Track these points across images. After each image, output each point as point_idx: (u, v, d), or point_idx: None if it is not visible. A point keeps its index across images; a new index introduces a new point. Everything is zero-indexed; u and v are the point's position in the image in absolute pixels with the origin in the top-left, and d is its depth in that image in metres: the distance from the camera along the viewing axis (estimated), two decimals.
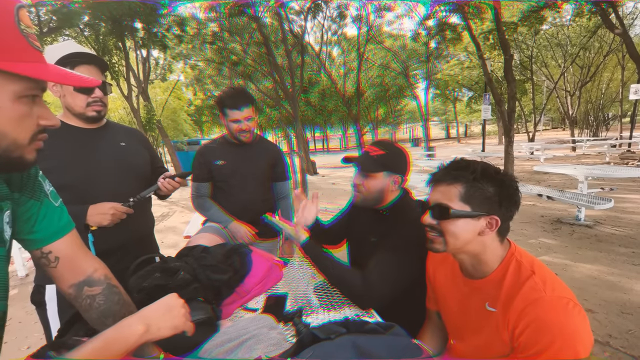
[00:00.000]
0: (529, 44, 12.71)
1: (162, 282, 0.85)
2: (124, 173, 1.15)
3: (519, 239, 3.54)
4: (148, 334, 0.53)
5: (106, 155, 1.13)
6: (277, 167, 1.66)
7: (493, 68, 12.65)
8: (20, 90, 0.42)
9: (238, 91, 1.49)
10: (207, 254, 0.99)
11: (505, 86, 6.86)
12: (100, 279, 0.63)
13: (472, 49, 11.77)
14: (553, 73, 14.94)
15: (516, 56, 12.91)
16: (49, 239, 0.59)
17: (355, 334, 0.59)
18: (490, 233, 0.72)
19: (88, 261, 0.63)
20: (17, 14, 0.41)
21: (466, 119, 31.10)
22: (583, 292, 2.36)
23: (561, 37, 12.97)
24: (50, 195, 0.61)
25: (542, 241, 3.45)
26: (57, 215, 0.60)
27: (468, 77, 18.00)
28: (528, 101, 18.15)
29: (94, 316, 0.62)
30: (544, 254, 3.11)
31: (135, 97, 8.13)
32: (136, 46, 7.48)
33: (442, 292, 0.90)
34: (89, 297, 0.62)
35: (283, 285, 1.19)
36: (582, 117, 16.31)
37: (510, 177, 0.73)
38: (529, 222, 4.10)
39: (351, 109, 11.68)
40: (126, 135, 1.24)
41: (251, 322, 0.84)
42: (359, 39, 9.98)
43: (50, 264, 0.60)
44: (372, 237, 1.13)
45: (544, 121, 28.06)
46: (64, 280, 0.61)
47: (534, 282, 0.67)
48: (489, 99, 8.64)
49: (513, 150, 6.45)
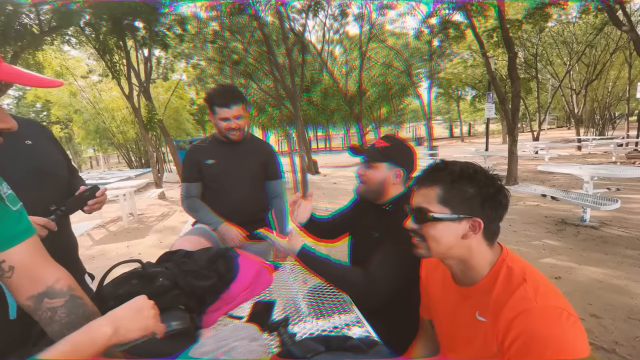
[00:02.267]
0: (533, 42, 12.52)
1: (139, 290, 0.80)
2: (35, 178, 0.91)
3: (522, 240, 3.47)
4: (117, 336, 0.51)
5: (8, 157, 0.86)
6: (269, 166, 1.63)
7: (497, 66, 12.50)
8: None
9: (227, 89, 1.46)
10: (188, 259, 0.95)
11: (509, 85, 6.74)
12: (63, 290, 0.59)
13: (475, 47, 11.63)
14: (558, 71, 14.71)
15: (520, 54, 12.75)
16: (2, 246, 0.54)
17: (335, 352, 0.54)
18: (475, 236, 0.68)
19: (49, 270, 0.59)
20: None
21: (470, 117, 30.81)
22: (588, 296, 2.29)
23: (567, 34, 12.76)
24: (7, 199, 0.56)
25: (546, 242, 3.37)
26: (14, 220, 0.56)
27: (471, 75, 17.83)
28: (533, 100, 17.93)
29: (56, 329, 0.58)
30: (548, 256, 3.03)
31: (137, 97, 8.13)
32: (137, 45, 7.47)
33: (434, 300, 0.86)
34: (49, 309, 0.57)
35: (272, 290, 1.15)
36: (588, 115, 16.06)
37: (491, 177, 0.70)
38: (532, 223, 4.02)
39: (353, 108, 11.61)
40: (30, 131, 0.96)
41: (232, 332, 0.79)
42: (361, 38, 9.91)
43: (4, 274, 0.55)
44: (374, 233, 1.12)
45: (549, 120, 27.75)
46: (21, 292, 0.57)
47: (524, 291, 0.62)
48: (492, 97, 8.51)
49: (517, 150, 6.35)
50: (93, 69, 12.48)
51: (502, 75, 12.98)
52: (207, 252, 1.02)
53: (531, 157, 9.98)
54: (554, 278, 2.59)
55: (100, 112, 13.16)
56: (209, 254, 1.01)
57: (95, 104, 13.03)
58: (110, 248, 4.21)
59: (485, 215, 0.68)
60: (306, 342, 0.61)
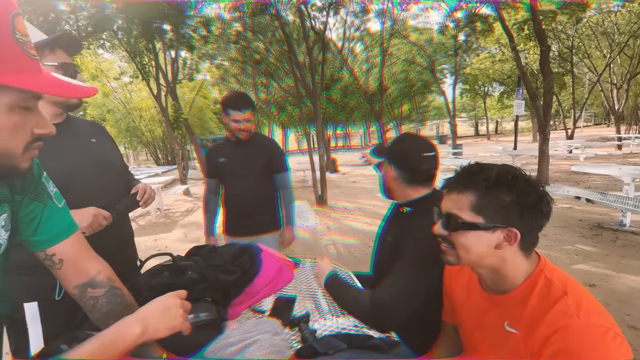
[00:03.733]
0: (569, 34, 11.73)
1: (170, 281, 0.85)
2: (99, 170, 1.03)
3: (553, 245, 3.29)
4: (145, 335, 0.52)
5: (78, 153, 0.99)
6: (273, 160, 1.80)
7: (528, 61, 11.85)
8: (14, 102, 0.42)
9: (241, 95, 1.71)
10: (214, 254, 0.99)
11: (540, 80, 6.37)
12: (103, 281, 0.64)
13: (504, 41, 11.08)
14: (597, 64, 13.70)
15: (554, 47, 11.99)
16: (53, 241, 0.60)
17: (355, 350, 0.55)
18: (510, 247, 0.63)
19: (91, 263, 0.64)
20: (13, 23, 0.40)
21: (497, 115, 29.42)
22: (626, 306, 2.14)
23: (607, 24, 11.84)
24: (54, 197, 0.61)
25: (580, 248, 3.18)
26: (61, 216, 0.61)
27: (499, 70, 16.99)
28: (567, 95, 16.84)
29: (98, 316, 0.63)
30: (581, 262, 2.86)
31: (164, 97, 8.49)
32: (165, 47, 7.80)
33: (458, 304, 0.84)
34: (92, 298, 0.63)
35: (293, 287, 1.17)
36: (630, 112, 14.86)
37: (532, 184, 0.64)
38: (564, 227, 3.80)
39: (374, 106, 11.46)
40: (93, 130, 1.11)
41: (256, 325, 0.82)
42: (382, 34, 9.73)
43: (54, 265, 0.60)
44: (388, 236, 1.10)
45: (585, 117, 25.92)
46: (69, 281, 0.62)
47: (565, 305, 0.58)
48: (522, 93, 8.09)
49: (548, 149, 6.00)
50: (124, 71, 13.18)
51: (533, 70, 12.29)
52: (231, 247, 1.06)
53: (564, 156, 9.41)
54: (588, 285, 2.43)
55: (131, 111, 13.92)
56: (234, 249, 1.05)
57: (126, 104, 13.80)
58: (139, 241, 4.44)
59: (523, 225, 0.62)
60: (328, 338, 0.62)
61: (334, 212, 5.23)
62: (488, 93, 24.11)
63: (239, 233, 1.76)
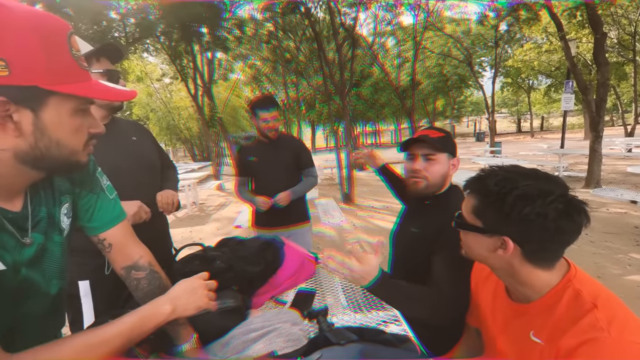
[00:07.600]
0: (631, 19, 10.46)
1: (200, 270, 0.93)
2: (139, 166, 1.15)
3: (602, 252, 3.00)
4: (175, 314, 0.61)
5: (120, 150, 1.11)
6: (301, 156, 1.92)
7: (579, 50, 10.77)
8: (75, 107, 0.50)
9: (268, 97, 1.83)
10: (241, 246, 1.06)
11: (594, 71, 5.78)
12: (145, 265, 0.73)
13: (552, 30, 10.18)
14: None
15: (613, 34, 10.77)
16: (104, 227, 0.69)
17: (367, 342, 0.57)
18: (512, 255, 0.62)
19: (135, 248, 0.73)
20: (70, 42, 0.48)
21: (543, 110, 27.08)
22: None
23: None
24: (106, 190, 0.71)
25: (634, 257, 2.87)
26: (112, 207, 0.70)
27: (546, 62, 15.64)
28: (628, 87, 15.06)
29: (140, 295, 0.72)
30: (635, 273, 2.58)
31: (201, 97, 8.99)
32: (202, 49, 8.24)
33: (484, 310, 0.83)
34: (135, 279, 0.72)
35: (314, 280, 1.21)
36: None
37: (539, 194, 0.58)
38: (617, 234, 3.44)
39: (405, 102, 11.14)
40: (135, 130, 1.24)
41: (277, 315, 0.87)
42: (415, 27, 9.41)
43: (105, 249, 0.70)
44: (412, 228, 1.09)
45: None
46: (117, 263, 0.72)
47: (594, 318, 0.55)
48: (571, 86, 7.38)
49: (601, 147, 5.44)
50: (165, 73, 14.16)
51: (586, 61, 11.17)
52: (256, 240, 1.12)
53: (622, 155, 8.48)
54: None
55: (171, 110, 14.93)
56: (259, 242, 1.11)
57: (167, 104, 14.83)
58: (176, 232, 4.78)
59: (522, 237, 0.60)
60: (341, 330, 0.65)
61: (360, 211, 5.22)
62: (533, 87, 22.31)
63: (269, 224, 1.87)
